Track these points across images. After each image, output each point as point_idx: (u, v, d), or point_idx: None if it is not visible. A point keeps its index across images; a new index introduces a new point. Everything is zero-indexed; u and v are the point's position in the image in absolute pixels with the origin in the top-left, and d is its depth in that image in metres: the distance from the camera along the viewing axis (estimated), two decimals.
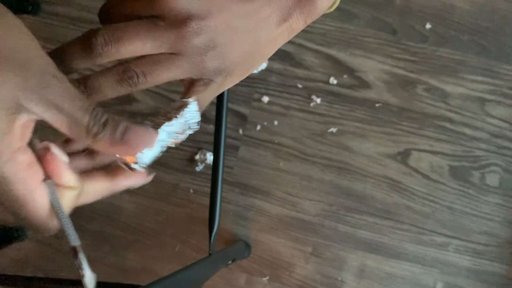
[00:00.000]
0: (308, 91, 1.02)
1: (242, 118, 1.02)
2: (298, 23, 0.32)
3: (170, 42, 0.29)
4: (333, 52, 1.02)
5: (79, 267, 0.28)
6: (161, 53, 0.30)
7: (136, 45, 0.29)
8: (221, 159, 0.82)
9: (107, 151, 0.27)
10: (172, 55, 0.30)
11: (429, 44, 1.01)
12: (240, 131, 1.02)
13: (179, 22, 0.29)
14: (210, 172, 0.84)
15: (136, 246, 1.02)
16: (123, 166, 0.29)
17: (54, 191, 0.26)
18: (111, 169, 0.30)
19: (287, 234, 1.00)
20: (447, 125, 1.00)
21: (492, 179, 0.99)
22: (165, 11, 0.29)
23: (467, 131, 1.00)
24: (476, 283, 0.98)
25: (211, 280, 0.77)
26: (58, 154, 0.26)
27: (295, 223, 1.00)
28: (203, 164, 1.02)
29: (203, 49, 0.30)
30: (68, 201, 0.28)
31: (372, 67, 1.01)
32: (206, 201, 0.84)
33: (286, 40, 0.33)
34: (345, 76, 1.01)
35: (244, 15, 0.30)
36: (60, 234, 1.04)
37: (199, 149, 1.02)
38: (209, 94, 0.33)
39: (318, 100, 1.01)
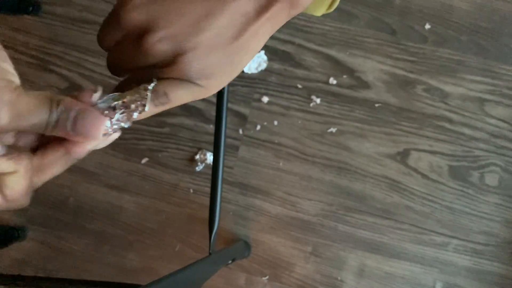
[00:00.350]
0: (308, 91, 1.02)
1: (242, 118, 1.03)
2: (281, 14, 0.31)
3: (142, 60, 0.30)
4: (332, 52, 1.02)
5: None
6: (145, 67, 0.31)
7: (130, 68, 0.31)
8: (221, 159, 0.82)
9: (66, 138, 0.29)
10: (152, 68, 0.31)
11: (429, 44, 1.01)
12: (240, 131, 1.02)
13: (141, 37, 0.29)
14: (210, 172, 0.85)
15: (136, 245, 1.03)
16: None
17: None
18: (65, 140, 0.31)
19: (287, 233, 1.01)
20: (447, 125, 1.00)
21: (491, 179, 0.99)
22: (130, 29, 0.30)
23: (467, 131, 1.00)
24: (475, 282, 0.98)
25: (211, 280, 0.77)
26: None
27: (295, 223, 1.01)
28: (203, 164, 1.02)
29: (172, 57, 0.30)
30: (15, 184, 0.29)
31: (371, 68, 1.01)
32: (206, 201, 0.85)
33: (271, 32, 0.32)
34: (344, 76, 1.02)
35: (212, 14, 0.29)
36: (61, 235, 1.03)
37: (199, 149, 1.03)
38: (186, 94, 0.32)
39: (318, 100, 1.01)
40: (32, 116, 0.27)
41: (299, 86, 1.02)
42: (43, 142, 0.31)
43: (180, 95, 0.31)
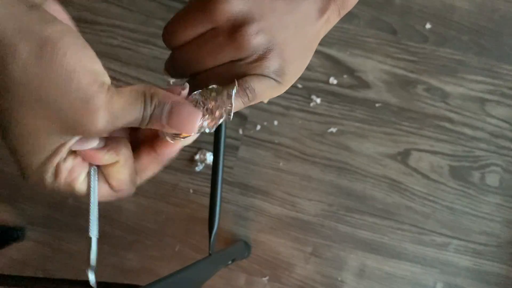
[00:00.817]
0: (308, 91, 1.02)
1: (242, 118, 1.02)
2: (334, 15, 0.32)
3: (233, 52, 0.30)
4: (333, 52, 1.02)
5: (87, 256, 0.31)
6: (227, 63, 0.31)
7: (209, 65, 0.31)
8: (221, 159, 0.82)
9: (160, 129, 0.30)
10: (236, 64, 0.31)
11: (429, 44, 1.01)
12: (240, 131, 1.02)
13: (236, 29, 0.30)
14: (210, 172, 0.84)
15: (136, 246, 1.02)
16: (167, 139, 0.31)
17: (95, 178, 0.30)
18: (156, 142, 0.32)
19: (287, 234, 1.00)
20: (447, 125, 1.00)
21: (492, 179, 0.99)
22: (222, 22, 0.30)
23: (467, 131, 1.00)
24: (476, 283, 0.98)
25: (211, 280, 0.77)
26: (84, 147, 0.29)
27: (295, 223, 1.00)
28: (203, 164, 1.02)
29: (264, 51, 0.30)
30: (119, 174, 0.31)
31: (372, 67, 1.01)
32: (206, 201, 0.84)
33: (325, 33, 0.33)
34: (345, 76, 1.01)
35: (291, 12, 0.31)
36: (61, 235, 1.03)
37: (199, 149, 1.02)
38: (269, 91, 0.32)
39: (318, 100, 1.01)
40: (127, 115, 0.28)
41: (299, 86, 1.02)
42: (136, 137, 0.32)
43: (264, 91, 0.32)
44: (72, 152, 0.29)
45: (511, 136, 1.00)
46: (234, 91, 0.30)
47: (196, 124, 0.30)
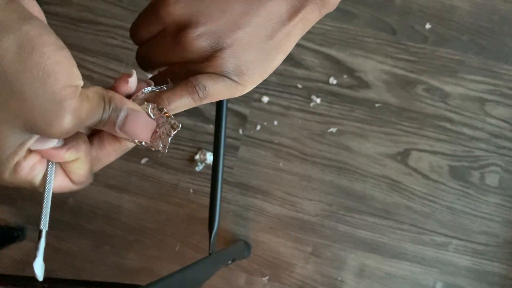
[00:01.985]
0: (308, 91, 1.02)
1: (242, 118, 1.02)
2: (312, 14, 0.32)
3: (179, 53, 0.31)
4: (333, 52, 1.02)
5: (36, 250, 0.31)
6: (182, 63, 0.32)
7: (163, 63, 0.33)
8: (221, 159, 0.82)
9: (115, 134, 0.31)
10: (189, 63, 0.31)
11: (429, 44, 1.01)
12: (240, 131, 1.02)
13: (180, 32, 0.30)
14: (210, 172, 0.84)
15: (136, 246, 1.02)
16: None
17: (52, 172, 0.30)
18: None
19: (287, 234, 1.00)
20: (447, 125, 1.00)
21: (492, 179, 0.99)
22: (168, 24, 0.31)
23: (467, 131, 1.00)
24: (476, 283, 0.98)
25: (211, 280, 0.77)
26: (44, 146, 0.29)
27: (295, 223, 1.00)
28: (203, 164, 1.02)
29: (211, 53, 0.30)
30: (79, 169, 0.31)
31: (372, 67, 1.01)
32: (206, 201, 0.84)
33: (302, 32, 0.33)
34: (345, 76, 1.01)
35: (250, 12, 0.30)
36: (61, 235, 1.03)
37: (199, 149, 1.02)
38: (225, 90, 0.32)
39: (318, 100, 1.01)
40: (90, 119, 0.28)
41: (299, 86, 1.02)
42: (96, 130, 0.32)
43: (218, 90, 0.32)
44: (31, 150, 0.29)
45: (510, 136, 1.00)
46: (174, 132, 0.31)
47: (150, 134, 0.30)
